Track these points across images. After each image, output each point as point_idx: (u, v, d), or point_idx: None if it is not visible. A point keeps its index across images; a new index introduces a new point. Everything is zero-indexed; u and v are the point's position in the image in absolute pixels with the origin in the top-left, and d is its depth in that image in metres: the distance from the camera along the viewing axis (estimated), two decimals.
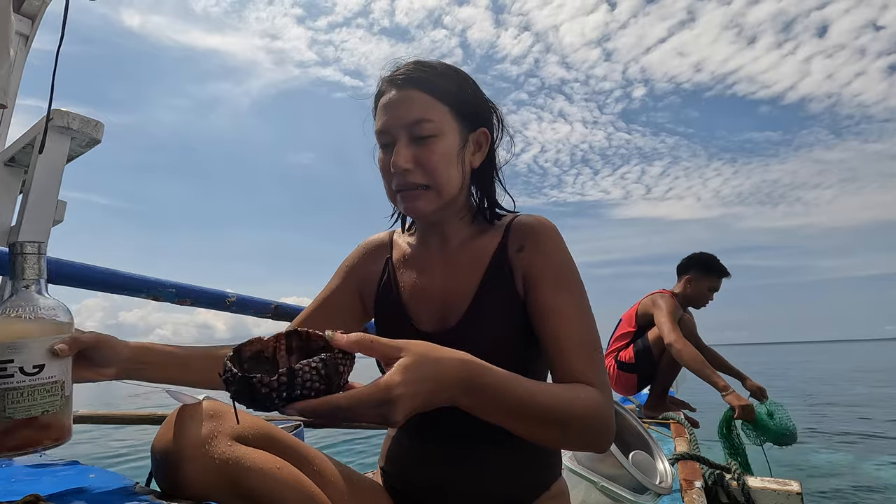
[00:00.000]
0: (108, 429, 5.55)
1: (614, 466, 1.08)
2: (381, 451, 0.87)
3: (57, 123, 1.83)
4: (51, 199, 1.85)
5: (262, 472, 0.59)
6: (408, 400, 0.47)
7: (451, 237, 0.83)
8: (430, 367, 0.50)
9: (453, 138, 0.76)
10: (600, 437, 0.63)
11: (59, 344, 0.59)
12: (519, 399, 0.56)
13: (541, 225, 0.77)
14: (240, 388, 0.43)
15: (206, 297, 1.30)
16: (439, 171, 0.74)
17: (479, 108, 0.81)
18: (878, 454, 3.70)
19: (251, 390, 0.43)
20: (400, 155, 0.73)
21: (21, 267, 0.58)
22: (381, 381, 0.47)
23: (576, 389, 0.63)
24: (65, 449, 0.64)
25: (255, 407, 0.45)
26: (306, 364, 0.44)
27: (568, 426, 0.60)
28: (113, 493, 0.59)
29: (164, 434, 0.60)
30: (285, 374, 0.43)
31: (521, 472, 0.76)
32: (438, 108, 0.75)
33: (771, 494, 1.51)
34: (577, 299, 0.72)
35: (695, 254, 2.79)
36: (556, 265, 0.74)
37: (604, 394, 0.64)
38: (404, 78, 0.76)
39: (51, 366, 0.57)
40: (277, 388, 0.43)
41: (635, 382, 2.73)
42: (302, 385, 0.43)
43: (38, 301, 0.58)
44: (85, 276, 1.05)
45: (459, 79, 0.79)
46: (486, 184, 0.83)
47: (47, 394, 0.56)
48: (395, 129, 0.74)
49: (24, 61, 2.52)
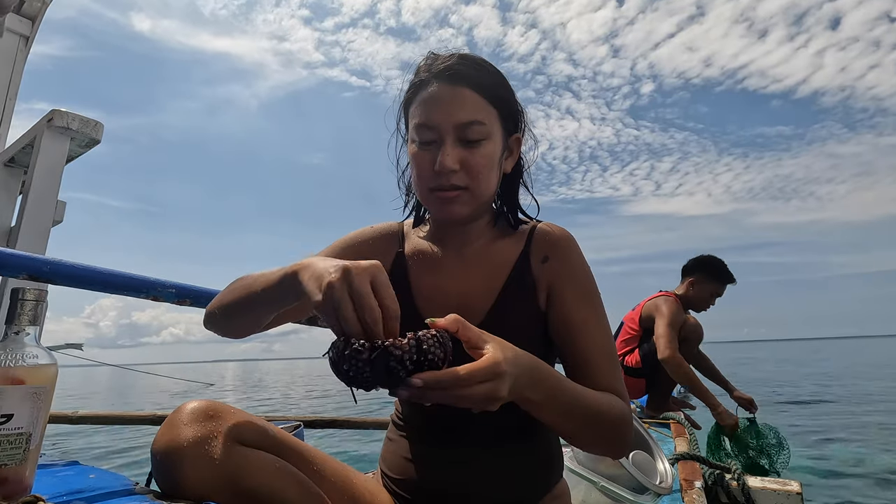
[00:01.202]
0: (107, 429, 5.54)
1: (614, 466, 1.08)
2: (382, 452, 0.87)
3: (56, 124, 1.83)
4: (50, 199, 1.85)
5: (262, 472, 0.59)
6: (510, 378, 0.51)
7: (472, 240, 0.82)
8: (515, 354, 0.54)
9: (498, 143, 0.75)
10: (624, 443, 0.67)
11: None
12: (572, 398, 0.61)
13: (565, 237, 0.78)
14: (379, 356, 0.46)
15: (206, 298, 1.30)
16: (483, 175, 0.73)
17: (517, 112, 0.80)
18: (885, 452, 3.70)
19: (388, 358, 0.46)
20: (448, 156, 0.71)
21: (16, 313, 0.58)
22: (487, 357, 0.50)
23: (608, 396, 0.66)
24: (65, 449, 0.63)
25: (377, 381, 0.47)
26: (426, 333, 0.48)
27: (605, 429, 0.64)
28: (113, 493, 0.59)
29: (164, 434, 0.60)
30: (413, 338, 0.47)
31: (522, 474, 0.76)
32: (489, 112, 0.73)
33: (771, 494, 1.51)
34: (599, 312, 0.74)
35: (703, 256, 2.76)
36: (581, 279, 0.75)
37: (627, 404, 0.69)
38: (453, 73, 0.73)
39: (20, 416, 0.54)
40: (409, 350, 0.46)
41: (643, 387, 2.70)
42: (428, 351, 0.47)
43: (24, 349, 0.57)
44: (85, 277, 1.05)
45: (503, 80, 0.77)
46: (513, 189, 0.83)
47: (9, 445, 0.54)
48: (444, 126, 0.72)
49: (24, 62, 2.52)
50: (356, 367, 0.46)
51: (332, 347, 0.49)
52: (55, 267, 1.00)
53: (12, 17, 2.42)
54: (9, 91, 2.43)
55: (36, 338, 0.59)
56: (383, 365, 0.46)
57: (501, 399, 0.51)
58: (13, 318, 0.58)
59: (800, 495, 1.48)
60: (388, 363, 0.46)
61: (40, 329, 0.61)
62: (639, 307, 2.81)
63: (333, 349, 0.49)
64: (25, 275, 0.97)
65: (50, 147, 1.85)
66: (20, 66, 2.49)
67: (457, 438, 0.76)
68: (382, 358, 0.46)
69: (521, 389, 0.55)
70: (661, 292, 2.79)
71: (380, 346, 0.46)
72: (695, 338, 2.67)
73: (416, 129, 0.74)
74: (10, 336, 0.58)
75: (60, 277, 1.01)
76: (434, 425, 0.78)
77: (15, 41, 2.47)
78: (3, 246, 1.61)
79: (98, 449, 4.80)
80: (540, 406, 0.58)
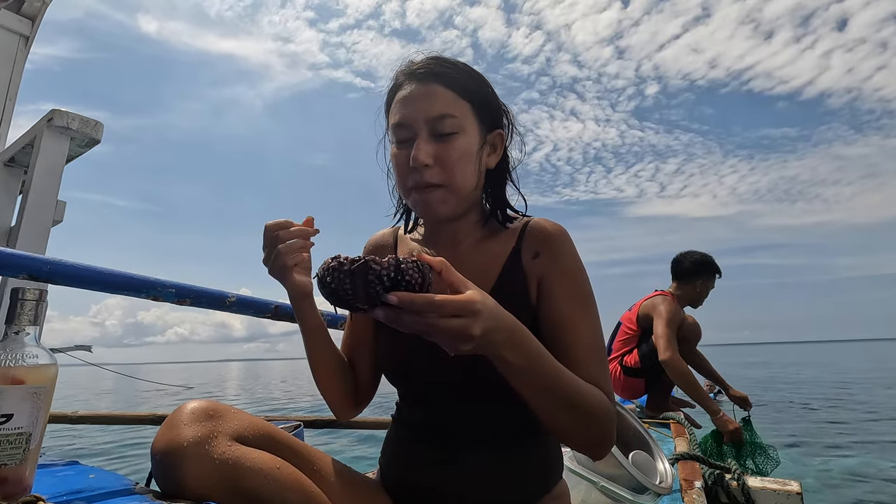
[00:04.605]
0: (108, 429, 5.54)
1: (614, 466, 1.08)
2: (382, 452, 0.87)
3: (56, 124, 1.83)
4: (50, 199, 1.85)
5: (262, 472, 0.59)
6: (485, 320, 0.51)
7: (463, 238, 0.82)
8: (496, 307, 0.54)
9: (474, 137, 0.75)
10: (606, 438, 0.65)
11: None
12: (553, 371, 0.59)
13: (557, 232, 0.77)
14: (359, 269, 0.49)
15: (206, 298, 1.30)
16: (458, 169, 0.73)
17: (497, 108, 0.81)
18: (885, 454, 3.70)
19: (367, 271, 0.49)
20: (421, 150, 0.72)
21: (16, 313, 0.58)
22: (464, 294, 0.51)
23: (592, 387, 0.65)
24: (65, 449, 0.63)
25: (356, 297, 0.50)
26: (407, 257, 0.51)
27: (584, 416, 0.62)
28: (113, 493, 0.59)
29: (164, 434, 0.60)
30: (392, 259, 0.50)
31: (522, 475, 0.75)
32: (461, 105, 0.74)
33: (771, 494, 1.51)
34: (590, 309, 0.73)
35: (697, 257, 2.72)
36: (572, 274, 0.74)
37: (611, 399, 0.67)
38: (425, 72, 0.75)
39: (20, 416, 0.55)
40: (387, 267, 0.49)
41: (642, 387, 2.69)
42: (405, 271, 0.49)
43: (24, 349, 0.57)
44: (85, 277, 1.05)
45: (479, 78, 0.78)
46: (498, 186, 0.83)
47: (9, 445, 0.54)
48: (417, 123, 0.73)
49: (24, 61, 2.52)
50: (338, 279, 0.50)
51: (321, 266, 0.53)
52: (55, 267, 1.00)
53: (12, 17, 2.42)
54: (9, 91, 2.43)
55: (36, 338, 0.59)
56: (362, 278, 0.49)
57: (473, 339, 0.50)
58: (13, 318, 0.58)
59: (800, 495, 1.48)
60: (366, 276, 0.49)
61: (40, 329, 0.61)
62: (635, 307, 2.80)
63: (321, 267, 0.53)
64: (25, 275, 0.97)
65: (50, 147, 1.85)
66: (20, 65, 2.49)
67: (455, 439, 0.76)
68: (362, 270, 0.49)
69: (498, 346, 0.54)
70: (657, 291, 2.78)
71: (360, 258, 0.50)
72: (693, 337, 2.67)
73: (393, 130, 0.77)
74: (10, 336, 0.57)
75: (60, 277, 1.01)
76: (433, 424, 0.78)
77: (15, 41, 2.47)
78: (3, 246, 1.61)
79: (98, 449, 4.80)
80: (518, 372, 0.57)
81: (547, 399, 0.60)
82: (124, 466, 4.15)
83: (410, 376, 0.79)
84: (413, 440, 0.80)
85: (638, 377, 2.68)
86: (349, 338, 0.89)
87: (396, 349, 0.80)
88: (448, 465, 0.75)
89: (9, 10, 2.39)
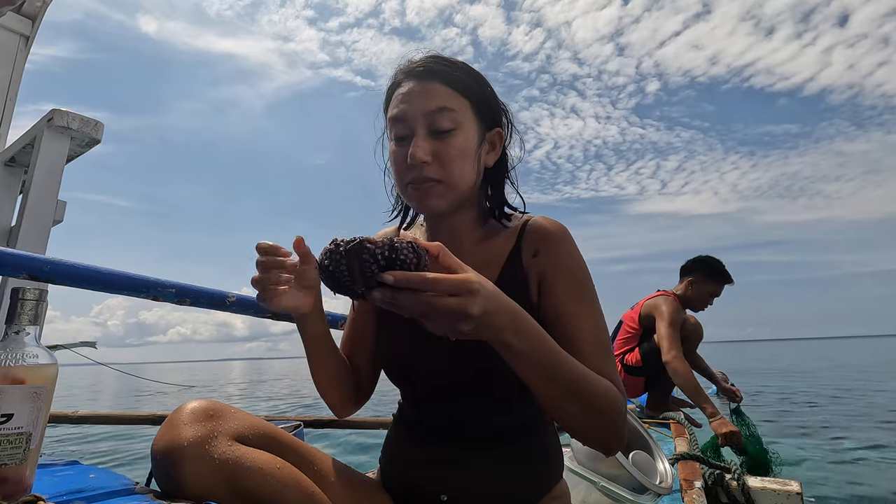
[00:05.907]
0: (108, 429, 5.55)
1: (614, 466, 1.08)
2: (382, 451, 0.87)
3: (56, 123, 1.83)
4: (50, 198, 1.85)
5: (262, 472, 0.59)
6: (483, 299, 0.50)
7: (463, 237, 0.82)
8: (496, 290, 0.54)
9: (472, 134, 0.75)
10: (617, 431, 0.63)
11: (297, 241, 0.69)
12: (556, 356, 0.58)
13: (556, 230, 0.76)
14: (354, 248, 0.50)
15: (206, 297, 1.30)
16: (455, 165, 0.73)
17: (496, 107, 0.81)
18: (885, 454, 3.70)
19: (362, 251, 0.49)
20: (419, 147, 0.71)
21: (16, 312, 0.58)
22: (462, 273, 0.51)
23: (600, 377, 0.63)
24: (65, 449, 0.63)
25: (353, 278, 0.50)
26: (402, 239, 0.51)
27: (591, 406, 0.60)
28: (113, 492, 0.59)
29: (164, 434, 0.60)
30: (387, 240, 0.50)
31: (522, 473, 0.75)
32: (459, 101, 0.74)
33: (771, 494, 1.51)
34: (591, 303, 0.72)
35: (701, 256, 2.77)
36: (572, 270, 0.74)
37: (622, 392, 0.65)
38: (424, 69, 0.75)
39: (20, 415, 0.55)
40: (381, 246, 0.49)
41: (642, 385, 2.71)
42: (400, 250, 0.50)
43: (24, 349, 0.57)
44: (85, 277, 1.05)
45: (478, 77, 0.79)
46: (497, 184, 0.83)
47: (9, 445, 0.54)
48: (414, 118, 0.73)
49: (24, 61, 2.52)
50: (335, 260, 0.51)
51: (321, 252, 0.54)
52: (55, 266, 1.00)
53: (12, 17, 2.42)
54: (9, 91, 2.43)
55: (36, 337, 0.59)
56: (357, 257, 0.50)
57: (472, 318, 0.49)
58: (13, 318, 0.58)
59: (800, 495, 1.48)
60: (361, 255, 0.49)
61: (40, 329, 0.61)
62: (638, 306, 2.81)
63: (321, 252, 0.53)
64: (25, 274, 0.97)
65: (50, 147, 1.85)
66: (20, 65, 2.49)
67: (455, 437, 0.76)
68: (356, 250, 0.50)
69: (500, 330, 0.53)
70: (659, 291, 2.79)
71: (356, 238, 0.50)
72: (695, 337, 2.68)
73: (391, 126, 0.77)
74: (10, 336, 0.58)
75: (60, 277, 1.01)
76: (434, 424, 0.78)
77: (15, 41, 2.47)
78: (3, 246, 1.61)
79: (98, 449, 4.80)
80: (521, 356, 0.55)
81: (552, 387, 0.58)
82: (124, 466, 4.15)
83: (411, 376, 0.79)
84: (414, 440, 0.80)
85: (638, 376, 2.70)
86: (350, 331, 0.89)
87: (397, 348, 0.80)
88: (449, 464, 0.75)
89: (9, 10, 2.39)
